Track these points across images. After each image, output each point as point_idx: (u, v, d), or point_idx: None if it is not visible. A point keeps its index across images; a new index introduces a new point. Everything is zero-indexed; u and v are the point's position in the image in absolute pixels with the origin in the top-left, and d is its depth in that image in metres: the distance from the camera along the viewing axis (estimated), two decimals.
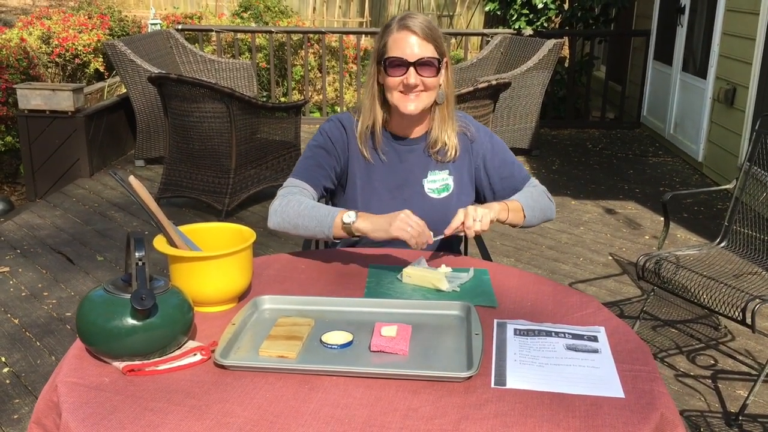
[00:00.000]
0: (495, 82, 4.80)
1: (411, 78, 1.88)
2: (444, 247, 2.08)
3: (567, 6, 7.94)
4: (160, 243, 1.55)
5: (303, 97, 7.64)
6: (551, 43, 6.04)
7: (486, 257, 2.22)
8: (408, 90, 1.90)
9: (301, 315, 1.54)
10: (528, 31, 7.25)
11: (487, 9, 8.22)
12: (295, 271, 1.82)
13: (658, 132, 7.05)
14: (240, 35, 7.73)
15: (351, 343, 1.42)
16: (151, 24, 7.86)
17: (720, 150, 5.57)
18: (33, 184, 5.34)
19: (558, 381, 1.30)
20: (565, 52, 8.13)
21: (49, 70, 7.11)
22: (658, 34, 7.18)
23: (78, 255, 4.07)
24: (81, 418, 1.17)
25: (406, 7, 11.84)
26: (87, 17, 7.80)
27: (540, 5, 7.48)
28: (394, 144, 2.04)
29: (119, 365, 1.32)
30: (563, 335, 1.47)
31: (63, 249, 4.16)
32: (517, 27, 7.51)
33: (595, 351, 1.41)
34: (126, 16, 8.65)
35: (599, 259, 4.13)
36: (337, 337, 1.43)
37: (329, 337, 1.43)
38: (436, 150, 2.03)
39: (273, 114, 4.92)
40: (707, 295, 2.64)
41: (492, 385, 1.28)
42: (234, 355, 1.37)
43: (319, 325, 1.49)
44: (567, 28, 7.86)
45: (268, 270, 1.82)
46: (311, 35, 7.71)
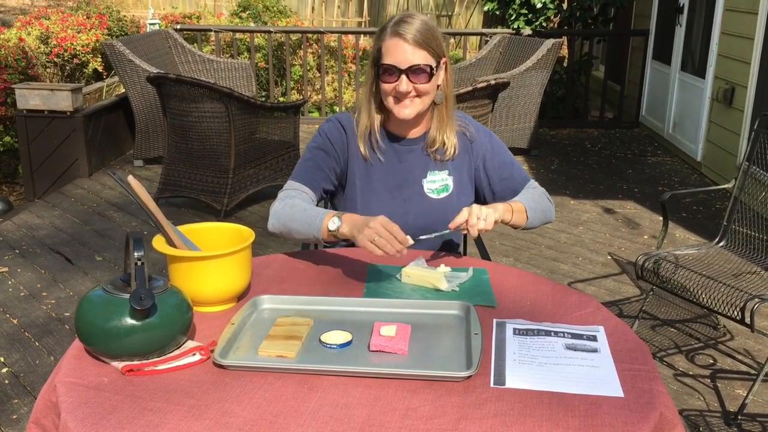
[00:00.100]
0: (494, 81, 4.80)
1: (402, 85, 1.87)
2: (444, 247, 2.08)
3: (566, 5, 7.94)
4: (159, 243, 1.55)
5: (302, 97, 7.64)
6: (550, 43, 6.04)
7: (485, 257, 2.22)
8: (401, 96, 1.90)
9: (300, 315, 1.54)
10: (527, 31, 7.25)
11: (486, 9, 8.21)
12: (295, 271, 1.82)
13: (656, 131, 7.06)
14: (239, 35, 7.73)
15: (350, 343, 1.42)
16: (150, 24, 7.85)
17: (719, 149, 5.57)
18: (32, 184, 5.33)
19: (557, 380, 1.30)
20: (564, 51, 8.13)
21: (48, 70, 7.10)
22: (656, 33, 7.18)
23: (77, 255, 4.07)
24: (80, 418, 1.17)
25: (404, 7, 11.82)
26: (85, 17, 7.80)
27: (539, 5, 7.48)
28: (393, 144, 2.04)
29: (118, 365, 1.31)
30: (562, 335, 1.47)
31: (62, 249, 4.15)
32: (516, 27, 7.52)
33: (595, 350, 1.41)
34: (124, 15, 8.64)
35: (598, 259, 4.14)
36: (336, 337, 1.43)
37: (328, 337, 1.43)
38: (434, 149, 2.03)
39: (272, 114, 4.91)
40: (706, 295, 2.64)
41: (491, 385, 1.28)
42: (233, 355, 1.37)
43: (318, 325, 1.49)
44: (566, 27, 7.86)
45: (267, 270, 1.82)
46: (310, 35, 7.72)
